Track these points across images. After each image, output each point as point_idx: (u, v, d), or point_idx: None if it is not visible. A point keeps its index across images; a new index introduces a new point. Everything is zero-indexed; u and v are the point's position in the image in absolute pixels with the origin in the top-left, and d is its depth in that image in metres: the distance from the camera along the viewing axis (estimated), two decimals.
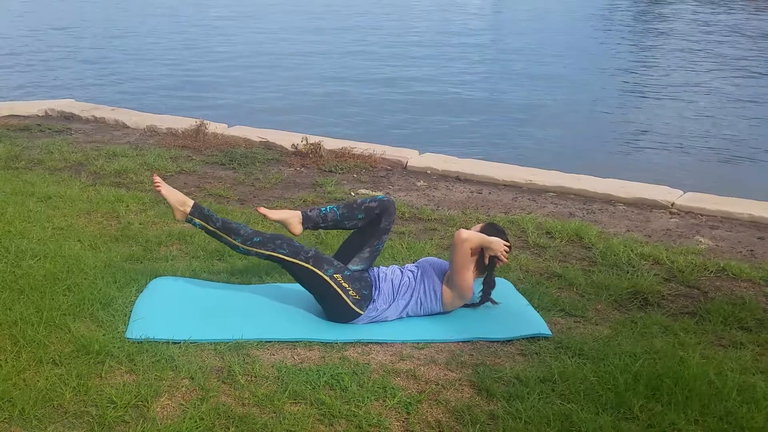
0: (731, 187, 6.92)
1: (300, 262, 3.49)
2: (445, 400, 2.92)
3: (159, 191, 3.67)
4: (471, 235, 3.45)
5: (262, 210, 3.72)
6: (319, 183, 5.87)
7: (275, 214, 3.71)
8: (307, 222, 3.73)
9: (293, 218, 3.71)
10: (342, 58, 15.36)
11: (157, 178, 3.69)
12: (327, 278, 3.47)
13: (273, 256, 3.52)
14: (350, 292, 3.47)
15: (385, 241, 3.79)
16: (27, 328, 3.24)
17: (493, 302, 3.69)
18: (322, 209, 3.74)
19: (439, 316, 3.62)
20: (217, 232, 3.61)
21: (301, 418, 2.75)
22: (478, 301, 3.68)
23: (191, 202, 3.66)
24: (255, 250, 3.54)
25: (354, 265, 3.67)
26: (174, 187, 3.79)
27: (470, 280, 3.52)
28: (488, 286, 3.65)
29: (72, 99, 8.90)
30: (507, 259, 3.57)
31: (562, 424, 2.73)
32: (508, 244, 3.54)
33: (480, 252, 3.52)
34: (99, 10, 23.01)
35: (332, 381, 2.99)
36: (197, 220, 3.64)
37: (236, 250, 3.64)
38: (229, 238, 3.59)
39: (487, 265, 3.57)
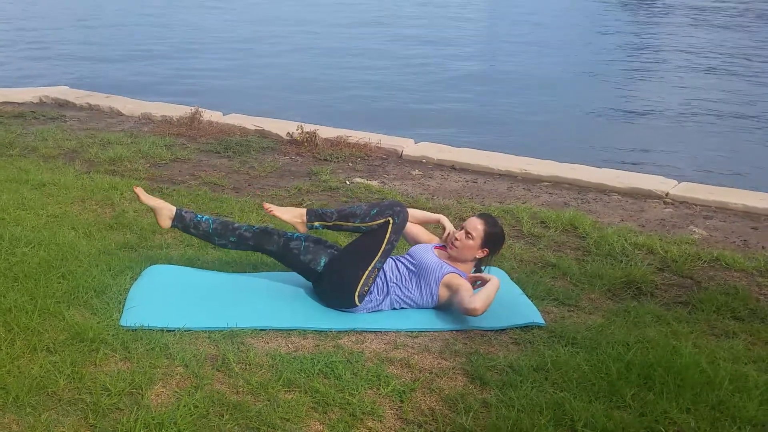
0: (726, 178, 6.95)
1: (385, 240, 3.46)
2: (438, 389, 2.93)
3: (272, 214, 3.63)
4: (485, 307, 3.39)
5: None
6: (314, 171, 5.86)
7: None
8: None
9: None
10: (338, 47, 15.31)
11: (268, 204, 3.66)
12: (371, 266, 3.48)
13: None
14: (365, 288, 3.49)
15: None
16: (21, 316, 3.23)
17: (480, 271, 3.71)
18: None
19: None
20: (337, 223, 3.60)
21: (295, 406, 2.75)
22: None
23: (303, 211, 3.65)
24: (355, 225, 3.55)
25: None
26: (169, 175, 3.78)
27: (469, 291, 3.51)
28: (479, 271, 3.70)
29: (66, 86, 8.86)
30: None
31: (555, 413, 2.74)
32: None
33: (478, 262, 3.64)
34: None
35: (326, 369, 3.00)
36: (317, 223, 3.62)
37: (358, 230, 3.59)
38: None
39: (485, 258, 3.64)
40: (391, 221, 3.48)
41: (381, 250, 3.48)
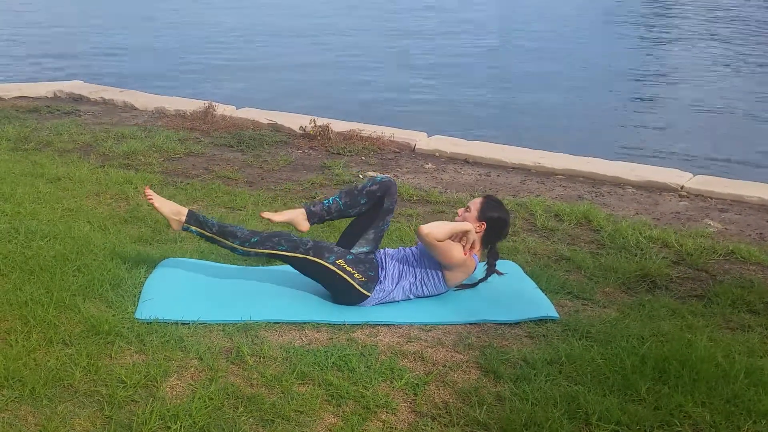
0: (741, 170, 6.90)
1: (301, 255, 3.49)
2: (452, 382, 2.93)
3: (151, 203, 3.67)
4: (433, 229, 3.40)
5: (266, 214, 3.72)
6: (327, 165, 5.87)
7: (279, 216, 3.70)
8: (312, 217, 3.72)
9: (298, 216, 3.70)
10: (350, 39, 15.29)
11: (149, 191, 3.69)
12: (330, 266, 3.48)
13: (273, 253, 3.53)
14: (356, 275, 3.48)
15: (390, 222, 3.79)
16: (37, 309, 3.26)
17: (499, 273, 3.67)
18: (325, 202, 3.73)
19: (446, 298, 3.62)
20: (215, 237, 3.61)
21: (309, 398, 2.76)
22: (484, 275, 3.67)
23: (185, 210, 3.65)
24: (254, 250, 3.54)
25: (360, 248, 3.67)
26: (182, 169, 3.80)
27: (459, 257, 3.49)
28: (492, 257, 3.65)
29: (81, 81, 8.90)
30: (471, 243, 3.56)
31: (569, 406, 2.74)
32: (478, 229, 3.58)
33: (481, 233, 3.57)
34: None
35: (340, 362, 3.01)
36: (194, 227, 3.63)
37: (235, 252, 3.64)
38: (227, 242, 3.58)
39: (488, 238, 3.58)
40: (280, 252, 3.51)
41: (312, 258, 3.49)
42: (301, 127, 6.74)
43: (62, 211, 4.57)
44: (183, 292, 3.53)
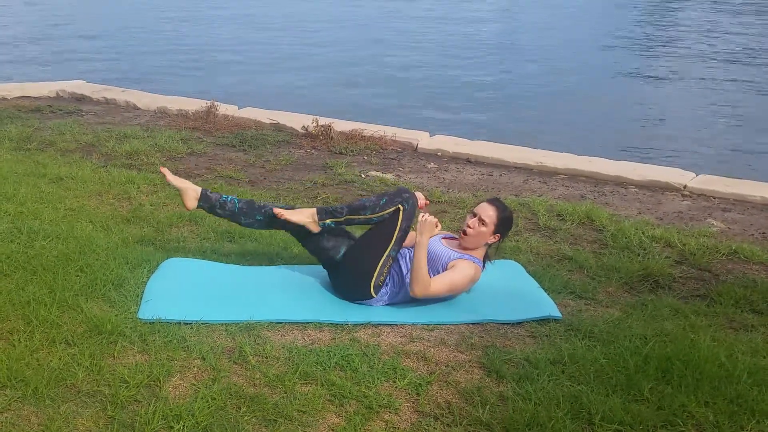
0: (744, 170, 6.89)
1: (398, 228, 3.47)
2: (455, 382, 2.93)
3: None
4: (423, 287, 3.38)
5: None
6: (329, 165, 5.87)
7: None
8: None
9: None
10: (353, 41, 15.29)
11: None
12: (385, 255, 3.48)
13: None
14: (381, 277, 3.49)
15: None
16: (40, 309, 3.26)
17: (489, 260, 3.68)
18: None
19: (449, 299, 3.62)
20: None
21: (312, 398, 2.76)
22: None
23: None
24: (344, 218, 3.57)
25: None
26: (185, 168, 3.82)
27: (467, 279, 3.48)
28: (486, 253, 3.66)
29: (83, 80, 8.90)
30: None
31: (572, 406, 2.73)
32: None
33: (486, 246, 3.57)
34: None
35: (342, 362, 3.00)
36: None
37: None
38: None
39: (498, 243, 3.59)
40: (402, 208, 3.49)
41: (394, 238, 3.48)
42: (304, 126, 6.74)
43: (65, 211, 4.57)
44: (185, 292, 3.53)
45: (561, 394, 2.80)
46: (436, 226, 3.45)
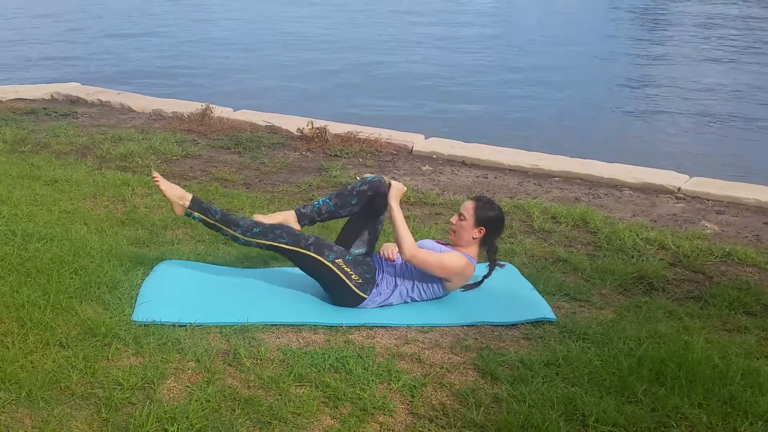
0: (738, 173, 6.91)
1: (301, 250, 3.50)
2: (449, 383, 2.93)
3: (158, 186, 3.66)
4: (413, 251, 3.44)
5: (258, 216, 3.73)
6: (324, 167, 5.87)
7: (271, 219, 3.71)
8: (303, 219, 3.75)
9: (289, 219, 3.73)
10: (348, 43, 15.30)
11: (156, 174, 3.70)
12: (329, 264, 3.48)
13: (274, 245, 3.54)
14: (353, 277, 3.49)
15: (383, 221, 3.79)
16: (34, 311, 3.25)
17: (500, 265, 3.69)
18: (315, 203, 3.76)
19: (444, 301, 3.63)
20: (217, 224, 3.61)
21: (307, 400, 2.76)
22: (487, 272, 3.66)
23: (190, 196, 3.66)
24: (256, 240, 3.55)
25: (356, 249, 3.68)
26: (180, 171, 3.79)
27: (456, 264, 3.51)
28: (492, 252, 3.64)
29: (78, 83, 8.89)
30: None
31: (566, 408, 2.74)
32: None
33: (480, 237, 3.54)
34: None
35: (337, 364, 3.01)
36: (196, 213, 3.64)
37: (237, 242, 3.65)
38: (229, 230, 3.59)
39: (488, 239, 3.57)
40: (281, 245, 3.52)
41: (313, 254, 3.49)
42: (299, 129, 6.74)
43: (59, 213, 4.57)
44: (180, 294, 3.53)
45: (555, 396, 2.80)
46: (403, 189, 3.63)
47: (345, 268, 3.49)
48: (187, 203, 3.64)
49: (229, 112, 7.50)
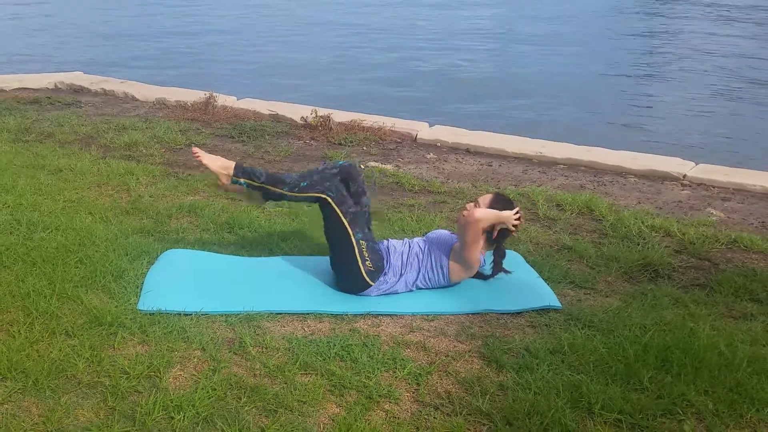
0: (744, 159, 6.88)
1: (341, 214, 3.49)
2: (454, 371, 2.94)
3: (199, 160, 3.62)
4: (485, 215, 3.42)
5: (197, 150, 3.64)
6: (328, 155, 5.86)
7: (209, 159, 3.62)
8: (238, 170, 3.62)
9: (228, 165, 3.63)
10: (351, 32, 15.25)
11: (196, 148, 3.66)
12: (354, 241, 3.48)
13: (321, 198, 3.52)
14: (367, 263, 3.48)
15: (368, 204, 3.67)
16: (39, 300, 3.26)
17: (506, 271, 3.67)
18: (261, 169, 3.67)
19: (449, 289, 3.62)
20: (264, 186, 3.58)
21: (312, 388, 2.77)
22: (490, 273, 3.66)
23: (233, 164, 3.62)
24: (303, 195, 3.54)
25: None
26: (184, 160, 3.77)
27: (478, 254, 3.51)
28: (499, 256, 3.63)
29: (81, 72, 8.88)
30: (517, 231, 3.56)
31: (572, 395, 2.74)
32: (518, 215, 3.51)
33: (491, 227, 3.50)
34: None
35: (343, 352, 3.01)
36: (242, 179, 3.59)
37: (285, 199, 3.62)
38: (276, 189, 3.57)
39: (495, 238, 3.55)
40: (329, 198, 3.51)
41: (347, 224, 3.49)
42: (303, 117, 6.72)
43: (64, 202, 4.57)
44: (185, 283, 3.53)
45: (561, 384, 2.80)
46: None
47: (364, 252, 3.49)
48: (232, 171, 3.61)
49: (232, 101, 7.48)
